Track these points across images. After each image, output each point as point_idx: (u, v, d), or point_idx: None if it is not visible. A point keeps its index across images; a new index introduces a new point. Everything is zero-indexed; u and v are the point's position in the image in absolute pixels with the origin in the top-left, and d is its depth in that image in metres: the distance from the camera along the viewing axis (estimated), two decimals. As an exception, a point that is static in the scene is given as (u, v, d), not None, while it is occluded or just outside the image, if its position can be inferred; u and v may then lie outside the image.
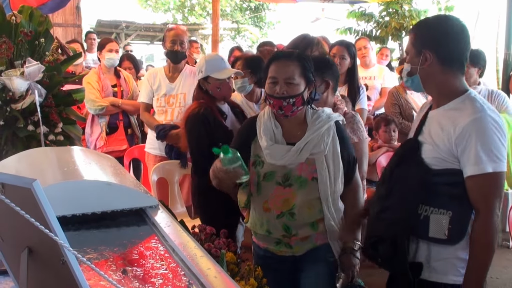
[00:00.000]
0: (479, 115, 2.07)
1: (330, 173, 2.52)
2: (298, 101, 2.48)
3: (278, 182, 2.53)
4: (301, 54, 2.61)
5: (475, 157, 2.04)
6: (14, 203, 1.01)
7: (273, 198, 2.54)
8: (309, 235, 2.57)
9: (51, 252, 1.08)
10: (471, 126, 2.06)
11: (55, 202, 1.76)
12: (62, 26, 10.23)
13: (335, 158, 2.54)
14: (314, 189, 2.52)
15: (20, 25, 3.08)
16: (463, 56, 2.18)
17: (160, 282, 1.55)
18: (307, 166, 2.52)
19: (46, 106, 3.10)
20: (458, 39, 2.18)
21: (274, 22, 24.67)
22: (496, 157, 2.04)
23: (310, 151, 2.50)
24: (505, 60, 5.34)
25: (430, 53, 2.16)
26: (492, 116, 2.07)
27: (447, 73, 2.18)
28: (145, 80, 4.78)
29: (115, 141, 5.11)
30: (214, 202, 3.28)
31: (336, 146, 2.56)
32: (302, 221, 2.53)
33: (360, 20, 11.24)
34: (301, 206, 2.51)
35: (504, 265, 4.92)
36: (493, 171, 2.04)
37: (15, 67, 3.01)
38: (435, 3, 10.79)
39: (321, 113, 2.60)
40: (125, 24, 16.95)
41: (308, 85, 2.52)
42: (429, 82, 2.23)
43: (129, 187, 2.13)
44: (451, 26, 2.20)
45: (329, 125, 2.56)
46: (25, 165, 2.33)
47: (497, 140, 2.05)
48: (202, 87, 3.48)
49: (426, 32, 2.22)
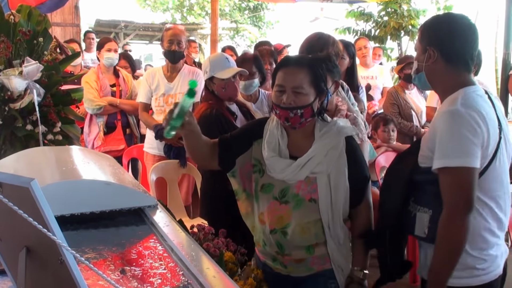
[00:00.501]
0: (451, 109, 2.05)
1: (332, 195, 2.29)
2: (306, 112, 2.26)
3: (275, 196, 2.34)
4: (313, 60, 2.40)
5: (440, 150, 2.02)
6: (12, 202, 1.00)
7: (268, 212, 2.37)
8: (303, 258, 2.37)
9: (49, 252, 1.08)
10: (440, 119, 2.08)
11: (54, 202, 1.77)
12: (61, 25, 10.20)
13: (339, 179, 2.30)
14: (311, 211, 2.30)
15: (18, 24, 3.08)
16: (469, 54, 2.16)
17: (159, 281, 1.56)
18: (306, 185, 2.30)
19: (45, 105, 3.10)
20: (464, 37, 2.16)
21: (273, 22, 24.67)
22: (461, 152, 1.98)
23: (312, 169, 2.29)
24: (504, 59, 5.35)
25: (434, 50, 2.16)
26: (466, 111, 2.01)
27: (451, 70, 2.17)
28: (143, 80, 4.78)
29: (112, 140, 5.10)
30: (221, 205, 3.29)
31: (343, 166, 2.31)
32: (294, 243, 2.33)
33: (359, 20, 11.25)
34: (295, 227, 2.30)
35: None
36: (456, 166, 1.98)
37: (13, 66, 3.00)
38: (434, 3, 10.81)
39: (331, 126, 2.36)
40: (124, 24, 16.94)
41: (319, 95, 2.30)
42: (434, 79, 2.23)
43: (127, 187, 2.13)
44: (457, 24, 2.19)
45: (338, 141, 2.32)
46: (24, 164, 2.33)
47: (466, 135, 1.98)
48: (208, 87, 3.46)
49: (432, 30, 2.22)
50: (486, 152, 2.03)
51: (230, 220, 3.16)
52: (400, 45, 10.98)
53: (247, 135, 2.47)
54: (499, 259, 2.14)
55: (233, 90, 3.43)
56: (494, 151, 2.06)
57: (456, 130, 2.00)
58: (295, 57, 2.49)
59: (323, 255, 2.36)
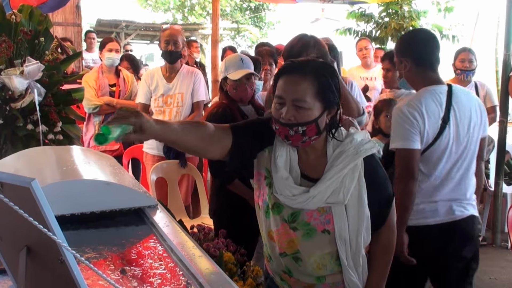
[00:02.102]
0: (399, 106, 2.78)
1: (350, 225, 1.99)
2: (310, 130, 1.91)
3: (285, 219, 2.03)
4: (320, 66, 1.98)
5: (392, 137, 2.80)
6: (13, 202, 1.01)
7: (279, 234, 2.06)
8: (312, 284, 2.10)
9: (50, 251, 1.08)
10: (393, 114, 2.82)
11: (54, 201, 1.77)
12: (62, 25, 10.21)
13: (359, 207, 1.99)
14: (324, 242, 2.01)
15: (20, 24, 3.08)
16: (433, 56, 2.84)
17: (159, 281, 1.56)
18: (319, 214, 1.99)
19: (46, 105, 3.10)
20: (426, 45, 2.85)
21: (274, 22, 24.66)
22: (403, 138, 2.71)
23: (325, 200, 1.96)
24: (504, 61, 5.34)
25: (407, 60, 2.84)
26: (407, 109, 2.71)
27: (420, 73, 2.84)
28: (142, 80, 4.79)
29: (108, 140, 5.10)
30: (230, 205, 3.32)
31: (362, 192, 1.98)
32: (306, 272, 2.07)
33: (360, 21, 11.22)
34: (308, 259, 2.03)
35: (503, 265, 4.93)
36: (400, 147, 2.73)
37: (14, 66, 3.01)
38: (435, 4, 10.77)
39: (347, 144, 2.00)
40: (125, 24, 16.92)
41: (327, 109, 1.94)
42: (412, 82, 2.93)
43: (127, 187, 2.13)
44: (420, 36, 2.99)
45: (355, 164, 1.97)
46: (24, 164, 2.34)
47: (405, 126, 2.70)
48: (223, 87, 3.46)
49: (402, 44, 2.98)
50: (427, 137, 2.72)
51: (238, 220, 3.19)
52: (401, 46, 10.95)
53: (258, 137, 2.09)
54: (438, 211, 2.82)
55: (244, 92, 3.40)
56: (435, 136, 2.73)
57: (400, 123, 2.74)
58: (299, 62, 2.01)
59: (336, 283, 2.09)
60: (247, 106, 3.47)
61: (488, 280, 4.59)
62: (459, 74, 5.33)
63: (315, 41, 3.00)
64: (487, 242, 5.43)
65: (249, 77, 3.39)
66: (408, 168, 2.70)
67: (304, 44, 2.92)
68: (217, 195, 3.51)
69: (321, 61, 2.08)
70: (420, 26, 10.56)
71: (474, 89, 5.33)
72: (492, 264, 4.93)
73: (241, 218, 3.21)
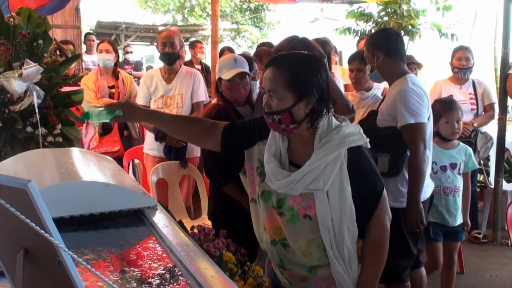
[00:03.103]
0: (405, 87, 3.13)
1: (333, 213, 2.04)
2: (285, 119, 2.03)
3: (273, 205, 2.14)
4: (298, 58, 2.12)
5: (403, 113, 3.09)
6: (10, 204, 1.01)
7: (268, 221, 2.18)
8: (306, 276, 2.17)
9: (47, 253, 1.08)
10: (399, 95, 3.12)
11: (53, 203, 1.78)
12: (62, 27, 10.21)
13: (340, 197, 2.04)
14: (306, 228, 2.08)
15: (18, 26, 3.09)
16: (402, 50, 3.36)
17: (157, 282, 1.56)
18: (301, 199, 2.07)
19: (45, 107, 3.10)
20: (396, 39, 3.37)
21: (274, 23, 24.66)
22: (416, 113, 3.08)
23: (306, 186, 2.03)
24: (502, 58, 5.34)
25: (380, 53, 3.27)
26: (412, 87, 3.12)
27: (393, 63, 3.28)
28: (141, 82, 4.79)
29: (108, 142, 5.11)
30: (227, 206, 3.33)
31: (344, 182, 2.03)
32: (295, 260, 2.15)
33: (359, 20, 11.21)
34: (293, 244, 2.11)
35: (503, 262, 4.93)
36: (415, 122, 3.08)
37: (13, 68, 3.01)
38: (433, 3, 10.77)
39: (334, 134, 2.06)
40: (125, 25, 16.93)
41: (302, 99, 2.02)
42: (384, 72, 3.34)
43: (127, 188, 2.13)
44: (390, 33, 3.56)
45: (338, 153, 2.03)
46: (23, 166, 2.34)
47: (415, 101, 3.09)
48: (218, 89, 3.45)
49: (374, 39, 3.42)
50: (428, 113, 3.16)
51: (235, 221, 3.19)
52: (400, 45, 10.96)
53: (254, 130, 2.24)
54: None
55: (238, 92, 3.39)
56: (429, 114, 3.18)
57: (411, 101, 3.09)
58: (279, 56, 2.20)
59: (327, 276, 2.14)
60: (244, 106, 3.46)
61: (489, 277, 4.59)
62: (456, 73, 5.34)
63: (304, 44, 2.99)
64: (487, 240, 5.44)
65: (242, 77, 3.38)
66: (423, 139, 3.08)
67: (292, 48, 2.92)
68: (214, 197, 3.51)
69: (303, 54, 2.18)
70: (419, 24, 10.57)
71: (472, 87, 5.34)
72: (493, 261, 4.94)
73: (239, 219, 3.21)
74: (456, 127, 3.79)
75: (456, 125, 3.79)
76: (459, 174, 3.85)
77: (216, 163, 3.15)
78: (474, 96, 5.30)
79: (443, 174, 3.82)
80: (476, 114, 5.25)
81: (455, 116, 3.79)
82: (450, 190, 3.80)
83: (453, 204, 3.82)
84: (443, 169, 3.83)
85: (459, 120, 3.81)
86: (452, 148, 3.89)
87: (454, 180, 3.82)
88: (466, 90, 5.32)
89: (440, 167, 3.84)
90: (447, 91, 5.27)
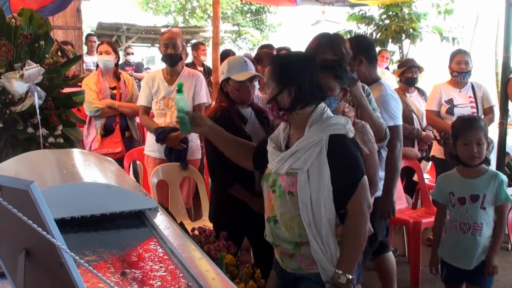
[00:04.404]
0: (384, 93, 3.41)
1: (312, 192, 2.27)
2: (273, 106, 2.38)
3: (270, 184, 2.43)
4: (278, 55, 2.65)
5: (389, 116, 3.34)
6: (12, 205, 1.01)
7: (267, 200, 2.47)
8: (292, 253, 2.41)
9: (49, 254, 1.08)
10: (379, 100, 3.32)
11: (54, 205, 1.78)
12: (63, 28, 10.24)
13: (319, 178, 2.26)
14: (289, 204, 2.32)
15: (19, 27, 3.09)
16: (376, 57, 3.68)
17: (159, 284, 1.56)
18: (287, 178, 2.33)
19: (46, 108, 3.11)
20: (374, 47, 3.73)
21: (275, 25, 24.69)
22: (394, 115, 3.39)
23: (291, 165, 2.30)
24: (504, 62, 5.33)
25: (362, 56, 3.46)
26: (391, 93, 3.48)
27: (371, 68, 3.53)
28: (143, 83, 4.78)
29: (110, 143, 5.10)
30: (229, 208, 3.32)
31: (323, 165, 2.27)
32: (281, 235, 2.39)
33: (360, 23, 11.24)
34: (280, 218, 2.37)
35: (504, 267, 4.91)
36: (393, 125, 3.34)
37: (14, 69, 3.02)
38: (435, 6, 10.79)
39: (323, 122, 2.33)
40: (126, 27, 16.93)
41: (284, 88, 2.34)
42: (364, 76, 3.44)
43: (128, 189, 2.13)
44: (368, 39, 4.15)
45: (320, 138, 2.28)
46: (24, 167, 2.34)
47: (394, 106, 3.41)
48: (224, 88, 3.42)
49: (358, 43, 3.52)
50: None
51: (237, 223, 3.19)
52: (401, 48, 10.97)
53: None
54: None
55: (247, 94, 3.37)
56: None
57: (392, 104, 3.39)
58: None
59: (308, 255, 2.34)
60: (247, 108, 3.45)
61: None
62: (455, 76, 5.33)
63: (330, 41, 3.22)
64: (488, 244, 5.41)
65: (252, 79, 3.38)
66: (400, 139, 3.41)
67: (318, 45, 3.19)
68: (216, 199, 3.50)
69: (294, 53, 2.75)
70: (420, 28, 10.59)
71: (471, 90, 5.33)
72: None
73: (241, 221, 3.21)
74: (476, 150, 3.19)
75: (476, 148, 3.19)
76: (483, 208, 3.21)
77: (221, 166, 3.14)
78: (474, 99, 5.29)
79: (460, 207, 3.27)
80: (476, 118, 5.25)
81: (475, 137, 3.19)
82: (468, 227, 3.23)
83: (472, 245, 3.23)
84: (461, 201, 3.27)
85: (480, 142, 3.19)
86: (475, 177, 3.27)
87: (474, 216, 3.21)
88: (465, 94, 5.32)
89: (458, 198, 3.28)
90: (447, 95, 5.27)
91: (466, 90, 5.34)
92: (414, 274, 4.49)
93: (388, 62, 7.95)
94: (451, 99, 5.25)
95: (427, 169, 6.14)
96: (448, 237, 3.33)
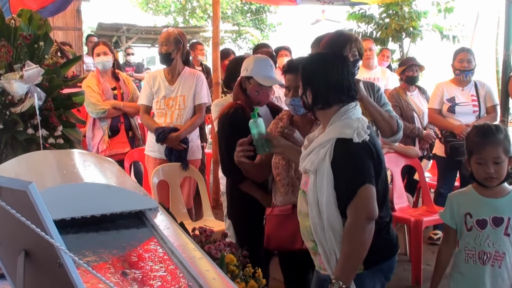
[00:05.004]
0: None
1: (319, 193, 2.27)
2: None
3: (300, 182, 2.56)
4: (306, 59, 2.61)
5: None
6: (10, 206, 1.01)
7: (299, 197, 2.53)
8: (314, 252, 2.41)
9: (48, 255, 1.08)
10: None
11: (54, 205, 1.77)
12: (63, 29, 10.25)
13: (322, 182, 2.25)
14: (303, 202, 2.41)
15: (19, 28, 3.09)
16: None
17: (159, 284, 1.55)
18: (304, 176, 2.43)
19: (46, 109, 3.11)
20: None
21: (275, 24, 24.69)
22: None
23: (305, 165, 2.36)
24: (504, 60, 5.32)
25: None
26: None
27: None
28: (144, 82, 4.79)
29: (117, 144, 5.10)
30: (242, 202, 3.34)
31: (327, 168, 2.26)
32: (303, 230, 2.45)
33: (361, 22, 11.24)
34: (299, 215, 2.46)
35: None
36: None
37: (14, 70, 3.01)
38: (435, 5, 10.78)
39: (336, 124, 2.32)
40: (126, 27, 16.93)
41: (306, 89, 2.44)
42: None
43: (128, 190, 2.12)
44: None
45: (326, 141, 2.29)
46: (24, 168, 2.34)
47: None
48: (243, 85, 3.39)
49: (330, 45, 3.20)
50: None
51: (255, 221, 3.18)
52: (402, 46, 10.97)
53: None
54: None
55: (266, 97, 3.39)
56: None
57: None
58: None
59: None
60: (262, 106, 3.43)
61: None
62: (458, 75, 5.32)
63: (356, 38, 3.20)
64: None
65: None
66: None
67: (345, 40, 3.12)
68: (231, 195, 3.49)
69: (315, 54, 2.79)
70: (420, 26, 10.58)
71: (474, 88, 5.31)
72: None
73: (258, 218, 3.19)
74: (492, 170, 2.59)
75: (493, 168, 2.58)
76: (507, 235, 2.62)
77: (232, 162, 3.13)
78: (476, 98, 5.27)
79: (480, 232, 2.65)
80: (478, 116, 5.23)
81: (491, 155, 2.59)
82: (489, 256, 2.62)
83: (494, 278, 2.63)
84: (480, 225, 2.66)
85: (498, 160, 2.58)
86: (497, 196, 2.67)
87: (497, 243, 2.62)
88: (468, 92, 5.30)
89: (477, 221, 2.67)
90: (449, 93, 5.25)
91: (469, 89, 5.32)
92: (415, 272, 4.48)
93: (389, 60, 7.94)
94: (453, 97, 5.23)
95: (428, 167, 6.13)
96: (462, 269, 2.72)
